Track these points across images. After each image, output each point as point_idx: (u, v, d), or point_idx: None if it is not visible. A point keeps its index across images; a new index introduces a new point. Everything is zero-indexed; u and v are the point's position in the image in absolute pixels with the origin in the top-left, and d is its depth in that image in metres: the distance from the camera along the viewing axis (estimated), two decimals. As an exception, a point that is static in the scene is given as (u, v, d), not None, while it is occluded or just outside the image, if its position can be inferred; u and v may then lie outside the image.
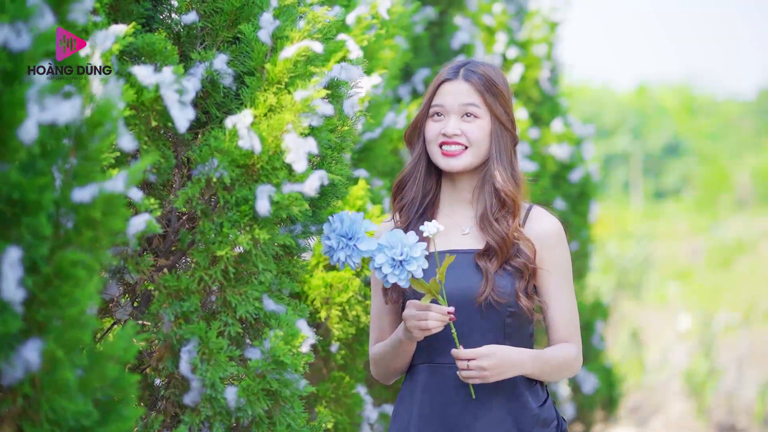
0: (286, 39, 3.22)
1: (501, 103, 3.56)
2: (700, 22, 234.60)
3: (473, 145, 3.53)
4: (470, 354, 3.38)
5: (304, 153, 3.09)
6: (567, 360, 3.54)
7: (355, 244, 3.27)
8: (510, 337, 3.49)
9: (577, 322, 3.58)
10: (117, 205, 2.44)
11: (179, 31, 3.30)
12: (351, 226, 3.27)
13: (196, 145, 3.16)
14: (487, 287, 3.44)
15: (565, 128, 8.56)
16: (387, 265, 3.24)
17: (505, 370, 3.41)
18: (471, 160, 3.55)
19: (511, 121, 3.59)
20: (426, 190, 3.63)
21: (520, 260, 3.48)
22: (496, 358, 3.40)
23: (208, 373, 3.06)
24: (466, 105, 3.54)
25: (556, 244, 3.56)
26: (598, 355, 8.86)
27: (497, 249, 3.48)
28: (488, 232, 3.51)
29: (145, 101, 2.99)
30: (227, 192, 3.11)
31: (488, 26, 8.10)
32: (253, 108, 3.17)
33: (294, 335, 3.13)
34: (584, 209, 8.92)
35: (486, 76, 3.57)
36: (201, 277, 3.11)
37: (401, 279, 3.25)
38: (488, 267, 3.46)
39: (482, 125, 3.55)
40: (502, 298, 3.45)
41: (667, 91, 46.86)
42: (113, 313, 3.28)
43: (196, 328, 3.08)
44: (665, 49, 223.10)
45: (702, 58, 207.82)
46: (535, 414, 3.49)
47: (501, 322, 3.48)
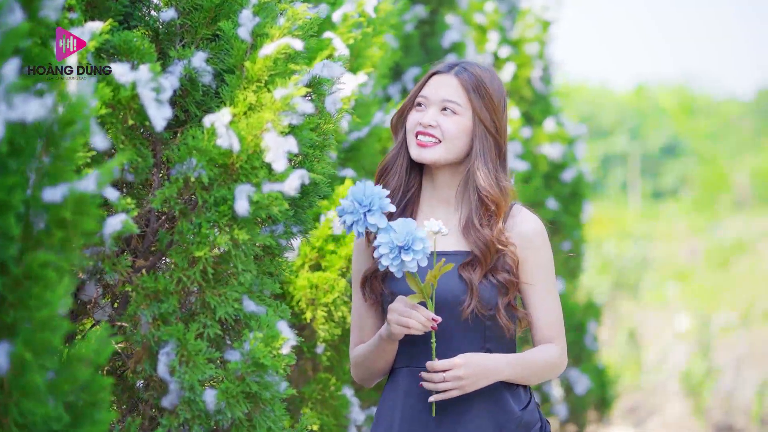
0: (265, 36, 3.17)
1: (487, 107, 3.52)
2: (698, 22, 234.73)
3: (446, 140, 3.50)
4: (445, 365, 3.37)
5: (284, 152, 3.05)
6: (549, 362, 3.51)
7: (365, 212, 3.23)
8: (490, 339, 3.46)
9: (561, 322, 3.55)
10: (88, 205, 2.39)
11: (158, 29, 3.25)
12: (370, 196, 3.23)
13: (175, 144, 3.12)
14: (473, 300, 3.42)
15: (557, 128, 8.52)
16: (385, 246, 3.21)
17: (481, 378, 3.39)
18: (442, 155, 3.50)
19: (497, 128, 3.53)
20: (408, 182, 3.61)
21: (505, 275, 3.45)
22: (471, 367, 3.38)
23: (186, 376, 3.02)
24: (446, 100, 3.51)
25: (539, 245, 3.52)
26: (591, 355, 8.83)
27: (481, 257, 3.45)
28: (472, 238, 3.48)
29: (121, 99, 2.94)
30: (206, 192, 3.07)
31: (480, 25, 8.07)
32: (233, 106, 3.13)
33: (274, 337, 3.08)
34: (577, 209, 8.88)
35: (477, 76, 3.53)
36: (179, 278, 3.07)
37: (393, 266, 3.21)
38: (473, 278, 3.44)
39: (460, 122, 3.51)
40: (486, 310, 3.43)
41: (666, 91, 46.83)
42: (92, 315, 3.23)
43: (174, 329, 3.03)
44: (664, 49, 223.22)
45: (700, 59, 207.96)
46: (517, 417, 3.45)
47: (481, 326, 3.46)
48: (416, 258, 3.20)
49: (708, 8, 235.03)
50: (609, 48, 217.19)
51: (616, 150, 38.38)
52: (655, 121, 41.33)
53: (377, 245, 3.22)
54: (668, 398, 12.69)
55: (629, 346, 13.87)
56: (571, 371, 8.50)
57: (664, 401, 12.65)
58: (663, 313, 17.28)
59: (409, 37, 6.58)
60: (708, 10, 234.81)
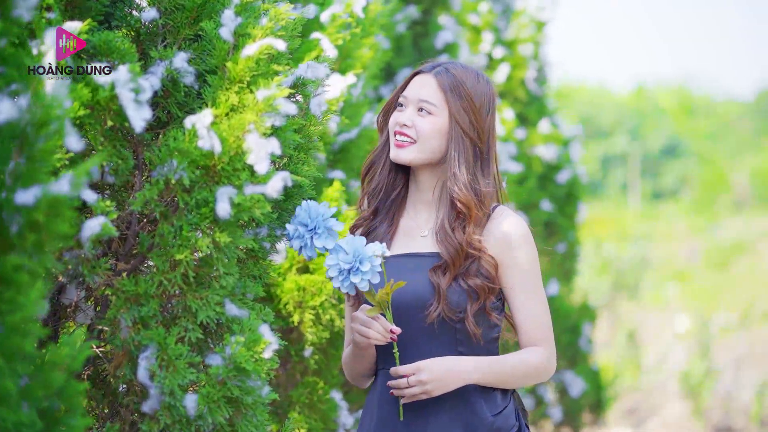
0: (248, 37, 3.13)
1: (465, 108, 3.47)
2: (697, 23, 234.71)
3: (419, 140, 3.48)
4: (408, 370, 3.35)
5: (267, 154, 3.00)
6: (532, 365, 3.45)
7: (311, 236, 3.24)
8: (462, 343, 3.43)
9: (547, 326, 3.49)
10: (63, 207, 2.35)
11: (139, 29, 3.21)
12: (315, 219, 3.24)
13: (156, 146, 3.08)
14: (440, 304, 3.39)
15: (552, 129, 8.49)
16: (335, 269, 3.23)
17: (447, 381, 3.36)
18: (416, 155, 3.48)
19: (477, 131, 3.49)
20: (393, 182, 3.60)
21: (477, 281, 3.41)
22: (435, 371, 3.35)
23: (166, 381, 2.98)
24: (422, 100, 3.49)
25: (518, 246, 3.46)
26: (585, 357, 8.78)
27: (450, 262, 3.42)
28: (443, 242, 3.45)
29: (100, 100, 2.90)
30: (187, 194, 3.03)
31: (474, 25, 8.03)
32: (214, 107, 3.09)
33: (256, 341, 3.04)
34: (572, 211, 8.84)
35: (457, 77, 3.50)
36: (160, 282, 3.03)
37: (344, 286, 3.23)
38: (441, 282, 3.40)
39: (434, 122, 3.48)
40: (454, 315, 3.39)
41: (665, 91, 46.78)
42: (73, 319, 3.20)
43: (155, 333, 2.99)
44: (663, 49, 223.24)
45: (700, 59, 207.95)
46: (488, 423, 3.41)
47: (451, 330, 3.42)
48: (365, 278, 3.22)
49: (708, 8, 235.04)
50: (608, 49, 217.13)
51: (616, 151, 38.33)
52: (655, 122, 41.27)
53: (327, 266, 3.23)
54: (667, 399, 12.67)
55: (629, 346, 13.85)
56: (566, 373, 8.47)
57: (663, 402, 12.64)
58: (662, 313, 17.26)
59: (401, 37, 6.54)
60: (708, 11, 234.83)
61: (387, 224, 3.58)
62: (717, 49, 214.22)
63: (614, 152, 38.32)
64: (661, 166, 38.83)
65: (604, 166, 38.29)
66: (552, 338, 3.50)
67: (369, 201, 3.61)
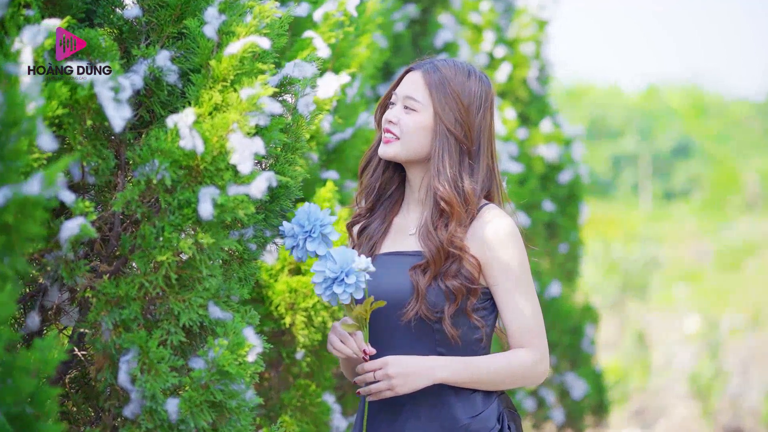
0: (232, 35, 3.08)
1: (450, 105, 3.43)
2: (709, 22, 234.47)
3: (402, 137, 3.45)
4: (375, 364, 3.31)
5: (250, 153, 2.95)
6: (516, 367, 3.38)
7: (305, 239, 3.20)
8: (442, 344, 3.37)
9: (536, 328, 3.41)
10: (32, 208, 2.30)
11: (122, 27, 3.15)
12: (313, 222, 3.20)
13: (138, 146, 3.02)
14: (418, 303, 3.35)
15: (554, 128, 8.43)
16: (320, 275, 3.19)
17: (413, 377, 3.31)
18: (398, 152, 3.46)
19: (464, 128, 3.44)
20: (387, 180, 3.59)
21: (456, 282, 3.36)
22: (400, 366, 3.31)
23: (147, 384, 2.92)
24: (407, 97, 3.47)
25: (503, 246, 3.40)
26: (588, 359, 8.71)
27: (431, 261, 3.37)
28: (426, 242, 3.41)
29: (79, 99, 2.84)
30: (169, 194, 2.97)
31: (475, 24, 7.98)
32: (198, 106, 3.04)
33: (240, 344, 2.99)
34: (574, 211, 8.79)
35: (445, 74, 3.46)
36: (141, 284, 2.97)
37: (325, 295, 3.20)
38: (420, 281, 3.36)
39: (417, 120, 3.44)
40: (433, 315, 3.35)
41: (676, 91, 46.64)
42: (54, 321, 3.14)
43: (136, 336, 2.94)
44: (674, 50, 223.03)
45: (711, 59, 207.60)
46: (463, 425, 3.35)
47: (429, 330, 3.37)
48: (348, 291, 3.18)
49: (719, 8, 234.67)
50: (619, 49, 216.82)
51: (627, 151, 38.22)
52: (665, 122, 41.13)
53: (312, 271, 3.21)
54: (676, 400, 12.67)
55: (637, 347, 13.81)
56: (568, 375, 8.41)
57: (671, 403, 12.64)
58: (671, 315, 17.22)
59: (399, 36, 6.49)
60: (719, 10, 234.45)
61: (380, 222, 3.55)
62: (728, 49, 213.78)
63: (625, 152, 38.21)
64: (671, 166, 38.69)
65: (614, 166, 38.18)
66: (543, 341, 3.42)
67: (365, 198, 3.58)
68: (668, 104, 44.29)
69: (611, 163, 38.11)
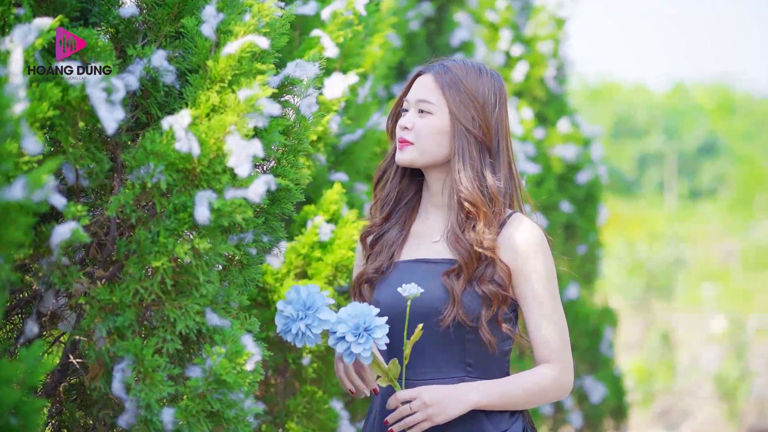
0: (230, 34, 3.00)
1: (466, 104, 3.34)
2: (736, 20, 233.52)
3: (417, 141, 3.36)
4: (408, 394, 3.20)
5: (248, 156, 2.86)
6: (539, 386, 3.29)
7: (315, 313, 3.08)
8: (471, 355, 3.27)
9: (561, 341, 3.32)
10: (15, 213, 2.22)
11: (118, 26, 3.07)
12: (309, 297, 3.09)
13: (134, 148, 2.94)
14: (455, 308, 3.24)
15: (572, 128, 8.33)
16: (350, 335, 3.06)
17: (450, 404, 3.20)
18: (415, 157, 3.36)
19: (482, 126, 3.35)
20: (406, 188, 3.49)
21: (491, 287, 3.27)
22: (436, 392, 3.20)
23: (142, 394, 2.84)
24: (420, 100, 3.38)
25: (533, 255, 3.31)
26: (607, 363, 8.61)
27: (464, 265, 3.28)
28: (456, 246, 3.32)
29: (71, 100, 2.77)
30: (164, 198, 2.89)
31: (491, 22, 7.89)
32: (195, 108, 2.95)
33: (238, 352, 2.91)
34: (592, 212, 8.70)
35: (456, 73, 3.37)
36: (136, 290, 2.89)
37: (366, 348, 3.06)
38: (454, 286, 3.26)
39: (433, 122, 3.35)
40: (469, 321, 3.24)
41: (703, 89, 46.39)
42: (49, 328, 3.07)
43: (131, 344, 2.86)
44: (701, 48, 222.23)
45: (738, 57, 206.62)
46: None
47: (461, 339, 3.27)
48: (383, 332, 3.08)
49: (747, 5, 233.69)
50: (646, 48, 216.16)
51: (652, 149, 38.02)
52: (692, 120, 40.90)
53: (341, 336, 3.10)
54: (702, 401, 12.62)
55: (662, 348, 13.72)
56: (586, 379, 8.32)
57: (697, 404, 12.57)
58: (697, 315, 17.12)
59: (414, 35, 6.40)
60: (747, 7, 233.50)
61: (398, 230, 3.46)
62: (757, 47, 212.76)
63: (650, 151, 38.02)
64: (698, 165, 38.47)
65: (640, 165, 38.00)
66: (568, 355, 3.34)
67: (381, 207, 3.49)
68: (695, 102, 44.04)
69: (637, 162, 37.93)
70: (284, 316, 3.11)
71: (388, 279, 3.37)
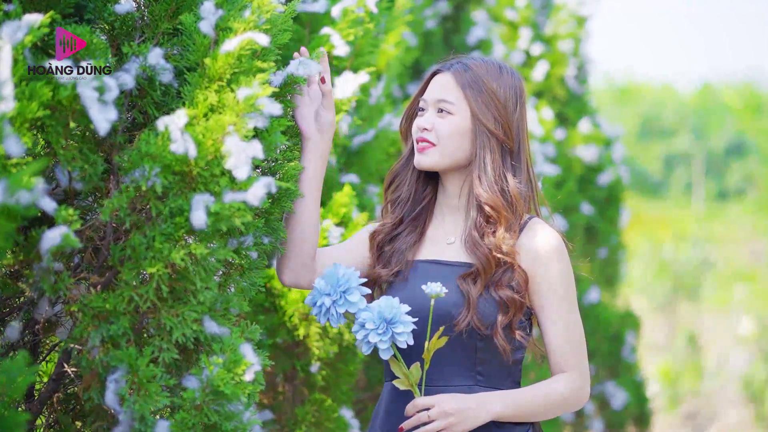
0: (229, 31, 2.88)
1: (488, 104, 3.22)
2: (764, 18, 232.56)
3: (439, 143, 3.23)
4: (428, 402, 3.07)
5: (247, 158, 2.75)
6: (559, 395, 3.17)
7: (344, 293, 3.00)
8: (483, 363, 3.15)
9: (578, 351, 3.20)
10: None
11: (113, 22, 2.96)
12: (344, 276, 3.02)
13: (129, 150, 2.83)
14: (470, 313, 3.12)
15: (593, 128, 8.21)
16: (371, 323, 2.98)
17: (471, 413, 3.08)
18: (437, 160, 3.24)
19: (504, 127, 3.23)
20: (422, 191, 3.36)
21: (508, 293, 3.14)
22: (457, 401, 3.08)
23: (136, 405, 2.73)
24: (439, 100, 3.25)
25: (551, 261, 3.19)
26: (628, 368, 8.48)
27: (481, 270, 3.16)
28: (474, 250, 3.19)
29: (62, 100, 2.66)
30: (160, 202, 2.78)
31: (511, 21, 7.78)
32: (192, 107, 2.84)
33: (237, 362, 2.79)
34: (614, 214, 8.60)
35: (476, 71, 3.24)
36: (131, 297, 2.78)
37: (384, 341, 2.97)
38: (471, 291, 3.14)
39: (455, 122, 3.23)
40: (484, 327, 3.12)
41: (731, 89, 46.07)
42: (42, 336, 2.97)
43: (125, 354, 2.74)
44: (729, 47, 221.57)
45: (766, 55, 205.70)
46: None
47: (473, 346, 3.15)
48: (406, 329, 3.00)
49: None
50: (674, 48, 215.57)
51: (680, 150, 37.79)
52: (720, 120, 40.61)
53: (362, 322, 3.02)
54: (728, 404, 12.51)
55: (689, 350, 13.61)
56: (607, 384, 8.20)
57: (724, 407, 12.48)
58: (723, 316, 16.98)
59: (430, 34, 6.30)
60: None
61: (413, 233, 3.33)
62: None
63: (677, 151, 37.78)
64: (725, 165, 38.18)
65: (667, 165, 37.75)
66: (585, 364, 3.22)
67: (393, 210, 3.37)
68: (723, 102, 43.73)
69: (664, 163, 37.69)
70: (315, 288, 3.04)
71: (407, 279, 3.26)
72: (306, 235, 3.24)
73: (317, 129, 3.22)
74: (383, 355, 3.01)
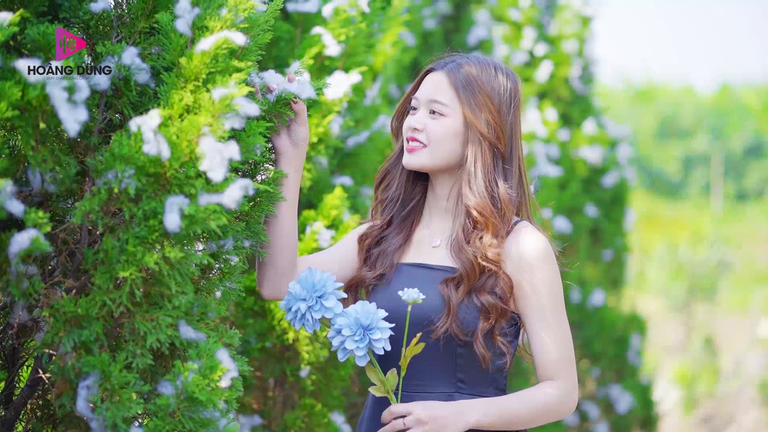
0: (206, 29, 2.82)
1: (480, 106, 3.15)
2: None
3: (430, 144, 3.17)
4: (403, 410, 3.01)
5: (223, 159, 2.68)
6: (544, 403, 3.10)
7: (320, 297, 2.94)
8: (463, 369, 3.08)
9: (566, 357, 3.13)
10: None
11: (89, 21, 2.90)
12: (320, 281, 2.95)
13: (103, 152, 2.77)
14: (449, 320, 3.06)
15: (598, 129, 8.14)
16: (348, 329, 2.92)
17: (448, 421, 3.01)
18: (427, 161, 3.17)
19: (496, 131, 3.16)
20: (411, 191, 3.31)
21: (490, 298, 3.08)
22: (432, 409, 3.01)
23: (108, 413, 2.67)
24: (432, 101, 3.19)
25: (536, 266, 3.12)
26: (634, 371, 8.40)
27: (464, 275, 3.09)
28: (459, 255, 3.13)
29: (31, 100, 2.60)
30: (134, 204, 2.72)
31: (514, 21, 7.71)
32: (167, 108, 2.78)
33: (213, 368, 2.72)
34: (619, 215, 8.51)
35: (471, 72, 3.17)
36: (104, 302, 2.72)
37: (360, 347, 2.91)
38: (452, 296, 3.08)
39: (447, 124, 3.16)
40: (463, 334, 3.05)
41: (750, 90, 45.86)
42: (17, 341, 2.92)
43: (97, 360, 2.68)
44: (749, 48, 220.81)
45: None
46: None
47: (453, 352, 3.09)
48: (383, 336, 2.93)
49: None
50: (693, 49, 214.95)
51: (698, 151, 37.63)
52: (738, 121, 40.43)
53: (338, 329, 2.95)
54: (746, 407, 12.45)
55: (705, 352, 13.54)
56: (612, 388, 8.12)
57: (741, 410, 12.41)
58: (741, 318, 16.90)
59: (429, 33, 6.23)
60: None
61: (400, 234, 3.28)
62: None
63: (696, 152, 37.63)
64: (744, 166, 38.01)
65: (685, 166, 37.62)
66: (572, 371, 3.15)
67: (383, 210, 3.31)
68: (742, 103, 43.53)
69: (682, 164, 37.55)
70: (290, 293, 2.98)
71: (390, 282, 3.20)
72: (283, 245, 3.18)
73: (291, 143, 3.16)
74: (359, 362, 2.95)
